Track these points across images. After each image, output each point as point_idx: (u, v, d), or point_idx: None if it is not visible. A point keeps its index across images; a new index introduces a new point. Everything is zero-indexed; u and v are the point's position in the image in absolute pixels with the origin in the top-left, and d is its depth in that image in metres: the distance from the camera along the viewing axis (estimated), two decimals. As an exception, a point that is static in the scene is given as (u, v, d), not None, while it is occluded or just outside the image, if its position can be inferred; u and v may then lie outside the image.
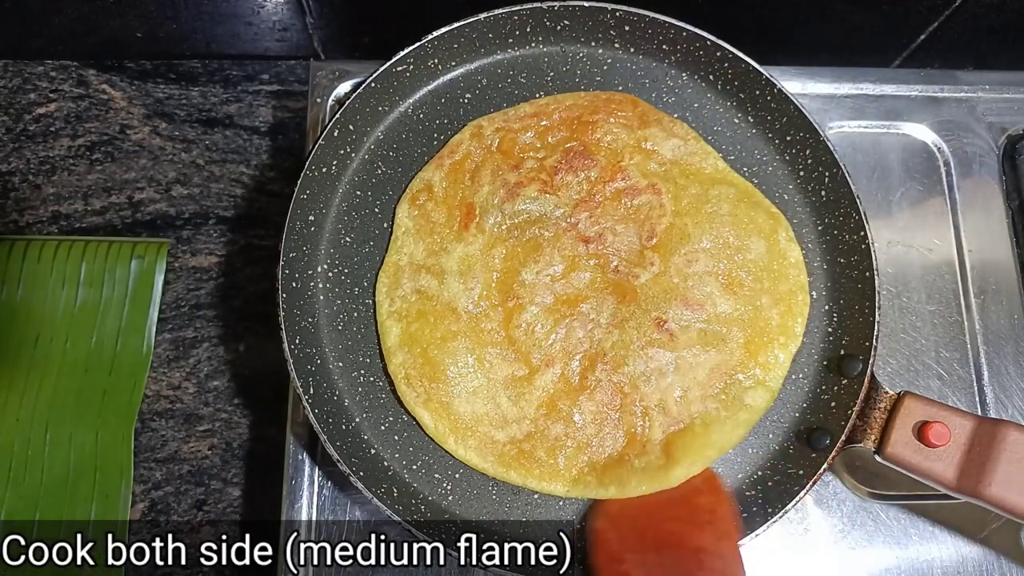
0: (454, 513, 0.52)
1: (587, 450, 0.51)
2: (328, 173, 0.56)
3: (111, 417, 0.62)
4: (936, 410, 0.48)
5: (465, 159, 0.56)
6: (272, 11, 0.67)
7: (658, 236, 0.54)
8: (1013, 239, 0.65)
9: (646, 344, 0.52)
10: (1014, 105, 0.68)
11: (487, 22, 0.57)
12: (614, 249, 0.54)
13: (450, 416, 0.51)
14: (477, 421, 0.51)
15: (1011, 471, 0.46)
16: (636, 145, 0.56)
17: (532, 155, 0.56)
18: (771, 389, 0.52)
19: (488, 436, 0.51)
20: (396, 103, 0.58)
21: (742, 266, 0.53)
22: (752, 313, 0.53)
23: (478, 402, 0.52)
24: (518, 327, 0.52)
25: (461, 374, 0.52)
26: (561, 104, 0.57)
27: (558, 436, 0.51)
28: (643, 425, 0.51)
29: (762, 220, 0.55)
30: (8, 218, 0.68)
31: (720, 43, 0.56)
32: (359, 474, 0.49)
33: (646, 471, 0.50)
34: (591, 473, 0.50)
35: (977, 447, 0.47)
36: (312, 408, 0.50)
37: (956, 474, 0.47)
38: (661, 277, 0.53)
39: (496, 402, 0.52)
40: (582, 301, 0.53)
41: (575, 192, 0.55)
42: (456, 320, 0.52)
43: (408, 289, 0.53)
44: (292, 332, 0.52)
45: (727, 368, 0.52)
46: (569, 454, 0.51)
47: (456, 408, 0.51)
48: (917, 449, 0.48)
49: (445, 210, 0.55)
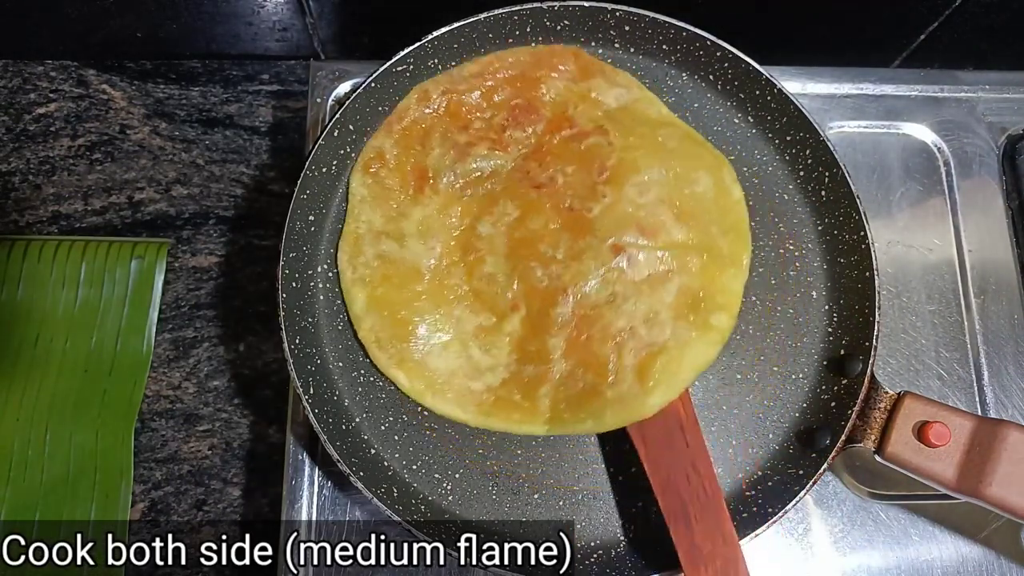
0: (454, 513, 0.52)
1: (561, 387, 0.51)
2: (328, 173, 0.56)
3: (111, 417, 0.62)
4: (936, 410, 0.48)
5: (414, 124, 0.56)
6: (272, 11, 0.67)
7: (608, 170, 0.54)
8: (1013, 239, 0.65)
9: (605, 271, 0.51)
10: (1014, 105, 0.69)
11: (487, 22, 0.57)
12: (566, 189, 0.54)
13: (424, 373, 0.52)
14: (452, 374, 0.52)
15: (1011, 471, 0.46)
16: (581, 96, 0.57)
17: (479, 115, 0.56)
18: (732, 313, 0.53)
19: (465, 387, 0.52)
20: (396, 103, 0.58)
21: (691, 198, 0.54)
22: (706, 240, 0.53)
23: (450, 356, 0.52)
24: (480, 279, 0.53)
25: (430, 331, 0.52)
26: (504, 61, 0.57)
27: (531, 377, 0.51)
28: (613, 352, 0.50)
29: (708, 158, 0.55)
30: (8, 218, 0.68)
31: (720, 43, 0.57)
32: (359, 474, 0.49)
33: (621, 401, 0.49)
34: (567, 409, 0.50)
35: (977, 447, 0.47)
36: (312, 408, 0.50)
37: (956, 474, 0.47)
38: (615, 207, 0.53)
39: (468, 353, 0.52)
40: (539, 242, 0.53)
41: (524, 146, 0.55)
42: (420, 280, 0.53)
43: (370, 255, 0.54)
44: (292, 332, 0.52)
45: (690, 291, 0.52)
46: (544, 393, 0.51)
47: (429, 364, 0.52)
48: (917, 449, 0.48)
49: (398, 175, 0.55)
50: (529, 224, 0.53)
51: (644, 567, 0.50)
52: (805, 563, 0.57)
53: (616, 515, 0.53)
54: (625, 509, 0.53)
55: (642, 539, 0.52)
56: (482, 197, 0.54)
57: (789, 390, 0.54)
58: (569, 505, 0.52)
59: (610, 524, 0.52)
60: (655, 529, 0.50)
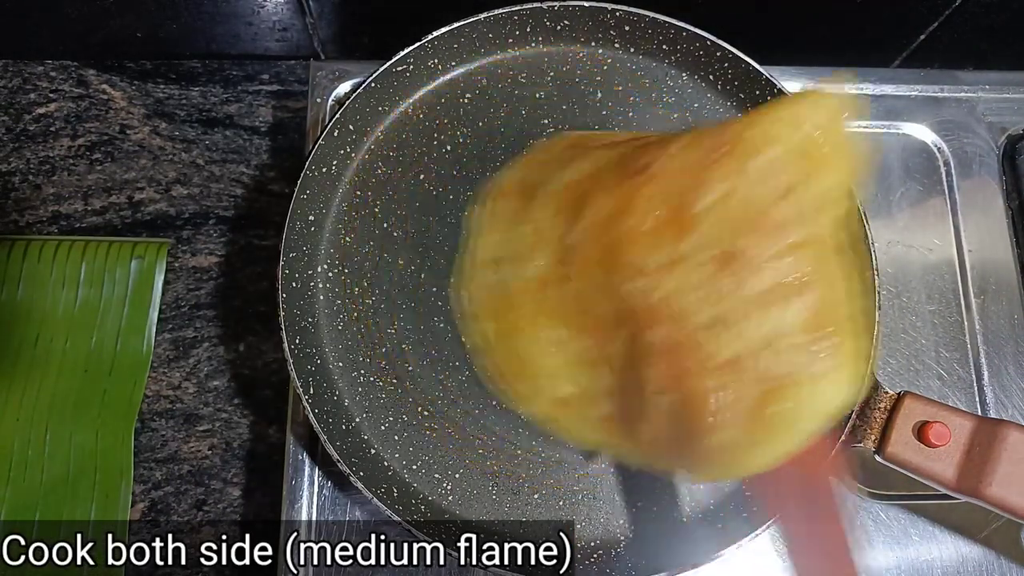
0: (454, 513, 0.52)
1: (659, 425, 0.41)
2: (328, 173, 0.56)
3: (111, 417, 0.62)
4: (936, 410, 0.48)
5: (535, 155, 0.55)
6: (272, 11, 0.67)
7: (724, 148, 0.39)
8: (1013, 239, 0.65)
9: (708, 286, 0.38)
10: (1014, 105, 0.68)
11: (487, 22, 0.57)
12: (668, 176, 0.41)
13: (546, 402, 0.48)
14: (566, 403, 0.47)
15: (1011, 471, 0.46)
16: None
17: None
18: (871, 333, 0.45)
19: (583, 414, 0.47)
20: (396, 103, 0.58)
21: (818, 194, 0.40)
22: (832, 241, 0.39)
23: (562, 384, 0.47)
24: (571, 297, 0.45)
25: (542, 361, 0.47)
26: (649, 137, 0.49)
27: (630, 410, 0.43)
28: (717, 390, 0.38)
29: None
30: (8, 218, 0.68)
31: (720, 43, 0.57)
32: (359, 474, 0.49)
33: (723, 450, 0.39)
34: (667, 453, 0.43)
35: (977, 447, 0.47)
36: (312, 408, 0.50)
37: (956, 474, 0.47)
38: (727, 200, 0.38)
39: (576, 381, 0.46)
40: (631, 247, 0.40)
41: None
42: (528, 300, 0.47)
43: (481, 283, 0.51)
44: (292, 332, 0.52)
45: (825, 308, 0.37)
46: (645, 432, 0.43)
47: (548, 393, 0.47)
48: (917, 449, 0.48)
49: (512, 200, 0.52)
50: (620, 224, 0.41)
51: (644, 567, 0.50)
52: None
53: (616, 515, 0.53)
54: (625, 509, 0.53)
55: (642, 539, 0.52)
56: (577, 199, 0.45)
57: (789, 390, 0.54)
58: (569, 505, 0.52)
59: (610, 524, 0.52)
60: (655, 529, 0.50)
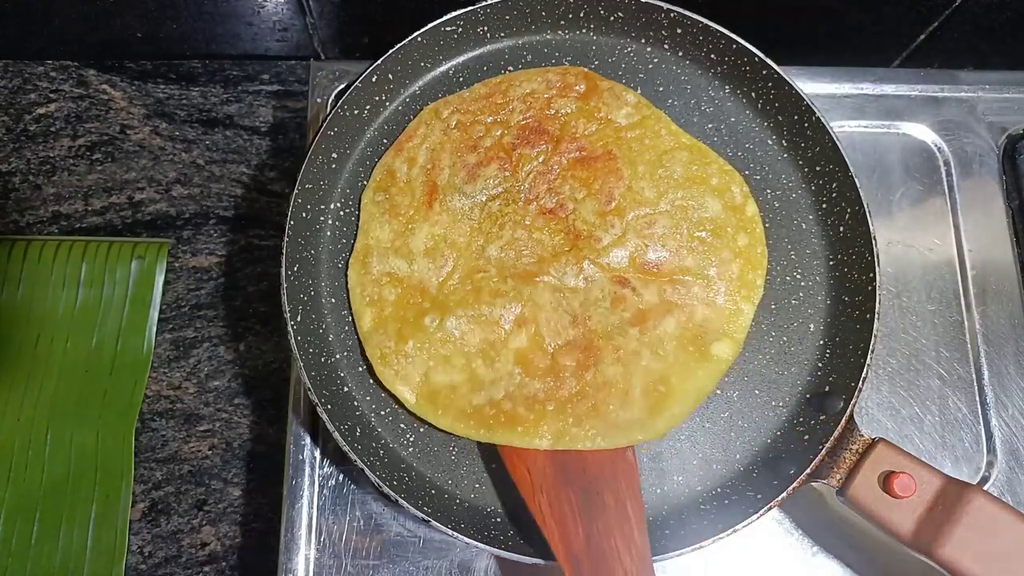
0: (411, 465, 0.53)
1: (569, 404, 0.52)
2: (359, 116, 0.57)
3: (111, 417, 0.63)
4: (907, 462, 0.47)
5: (424, 143, 0.57)
6: (272, 11, 0.67)
7: (616, 200, 0.55)
8: (1013, 239, 0.65)
9: (613, 300, 0.53)
10: (1014, 105, 0.68)
11: (542, 0, 0.58)
12: (574, 216, 0.55)
13: (427, 388, 0.52)
14: (454, 389, 0.52)
15: (968, 536, 0.45)
16: (590, 115, 0.57)
17: (488, 134, 0.57)
18: (736, 340, 0.53)
19: (467, 401, 0.52)
20: (439, 62, 0.59)
21: (700, 224, 0.55)
22: (715, 267, 0.54)
23: (454, 371, 0.52)
24: (488, 296, 0.53)
25: (435, 347, 0.53)
26: (514, 82, 0.58)
27: (538, 392, 0.52)
28: (622, 378, 0.52)
29: (715, 179, 0.56)
30: (8, 218, 0.68)
31: (768, 62, 0.56)
32: (327, 406, 0.51)
33: (631, 424, 0.51)
34: (575, 424, 0.51)
35: (940, 506, 0.46)
36: (295, 334, 0.52)
37: (913, 528, 0.47)
38: (622, 238, 0.54)
39: (471, 368, 0.52)
40: (548, 267, 0.54)
41: (533, 166, 0.56)
42: (426, 298, 0.54)
43: (378, 272, 0.55)
44: (292, 259, 0.53)
45: (694, 320, 0.53)
46: (552, 408, 0.51)
47: (433, 379, 0.52)
48: (879, 497, 0.47)
49: (408, 193, 0.56)
50: (537, 250, 0.54)
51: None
52: (802, 563, 0.57)
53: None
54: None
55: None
56: (491, 219, 0.55)
57: (766, 416, 0.54)
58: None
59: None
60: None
